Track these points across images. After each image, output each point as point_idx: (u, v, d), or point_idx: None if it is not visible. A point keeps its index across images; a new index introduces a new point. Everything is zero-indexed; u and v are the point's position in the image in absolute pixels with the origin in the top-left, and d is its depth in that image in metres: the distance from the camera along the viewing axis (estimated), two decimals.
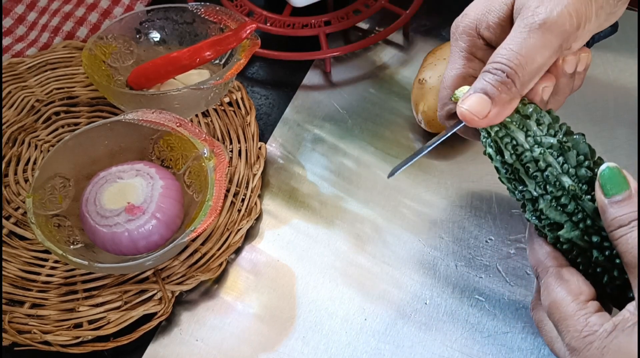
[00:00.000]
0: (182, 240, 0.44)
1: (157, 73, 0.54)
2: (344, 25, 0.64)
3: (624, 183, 0.33)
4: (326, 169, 0.56)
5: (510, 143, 0.36)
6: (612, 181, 0.33)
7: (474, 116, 0.35)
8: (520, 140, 0.36)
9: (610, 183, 0.33)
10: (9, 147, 0.58)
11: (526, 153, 0.36)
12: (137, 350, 0.46)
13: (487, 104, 0.35)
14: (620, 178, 0.33)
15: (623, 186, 0.33)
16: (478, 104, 0.35)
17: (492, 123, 0.36)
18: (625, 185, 0.33)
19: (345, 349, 0.45)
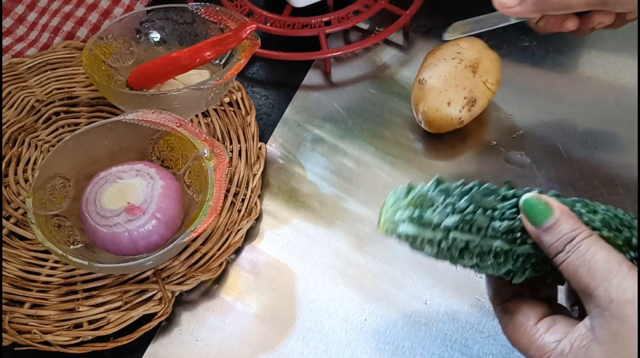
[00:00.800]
0: (182, 240, 0.44)
1: (157, 73, 0.54)
2: (344, 26, 0.64)
3: (546, 209, 0.33)
4: (326, 169, 0.56)
5: (424, 242, 0.35)
6: (534, 212, 0.33)
7: (500, 5, 0.47)
8: (429, 235, 0.35)
9: (533, 214, 0.33)
10: (9, 147, 0.58)
11: (441, 244, 0.35)
12: (137, 350, 0.46)
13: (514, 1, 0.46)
14: (541, 205, 0.33)
15: (547, 213, 0.33)
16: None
17: (511, 13, 0.47)
18: (548, 211, 0.33)
19: (345, 349, 0.45)
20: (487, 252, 0.34)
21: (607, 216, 0.34)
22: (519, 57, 0.63)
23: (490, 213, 0.34)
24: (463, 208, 0.34)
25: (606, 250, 0.31)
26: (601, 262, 0.31)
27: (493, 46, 0.57)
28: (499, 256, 0.34)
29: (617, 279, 0.30)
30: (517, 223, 0.34)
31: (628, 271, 0.30)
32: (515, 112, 0.58)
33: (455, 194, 0.35)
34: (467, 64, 0.53)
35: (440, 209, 0.34)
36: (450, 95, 0.52)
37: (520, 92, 0.60)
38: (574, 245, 0.32)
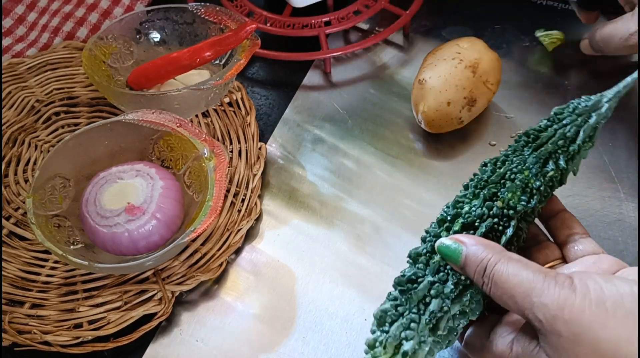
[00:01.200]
0: (182, 240, 0.44)
1: (157, 73, 0.54)
2: (344, 26, 0.64)
3: (457, 249, 0.34)
4: (326, 170, 0.56)
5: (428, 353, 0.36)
6: (448, 256, 0.35)
7: None
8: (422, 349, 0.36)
9: (449, 258, 0.35)
10: (9, 147, 0.58)
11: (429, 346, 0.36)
12: (137, 350, 0.46)
13: None
14: (452, 247, 0.35)
15: (458, 252, 0.34)
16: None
17: None
18: (458, 250, 0.34)
19: (345, 349, 0.45)
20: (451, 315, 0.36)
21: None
22: (518, 57, 0.63)
23: (421, 302, 0.36)
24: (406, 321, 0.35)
25: (516, 270, 0.32)
26: (516, 287, 0.31)
27: (493, 46, 0.57)
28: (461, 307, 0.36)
29: (536, 299, 0.30)
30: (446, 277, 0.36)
31: (543, 283, 0.31)
32: (515, 112, 0.58)
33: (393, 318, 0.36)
34: (467, 64, 0.53)
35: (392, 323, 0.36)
36: (450, 95, 0.52)
37: (520, 92, 0.60)
38: (487, 275, 0.33)
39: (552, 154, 0.39)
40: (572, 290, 0.30)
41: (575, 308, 0.29)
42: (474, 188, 0.39)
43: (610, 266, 0.35)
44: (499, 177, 0.39)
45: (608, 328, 0.29)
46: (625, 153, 0.54)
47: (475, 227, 0.37)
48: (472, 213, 0.38)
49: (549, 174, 0.39)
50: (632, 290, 0.29)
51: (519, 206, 0.38)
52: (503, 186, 0.38)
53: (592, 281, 0.30)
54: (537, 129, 0.41)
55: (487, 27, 0.67)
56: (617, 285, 0.30)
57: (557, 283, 0.30)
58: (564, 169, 0.39)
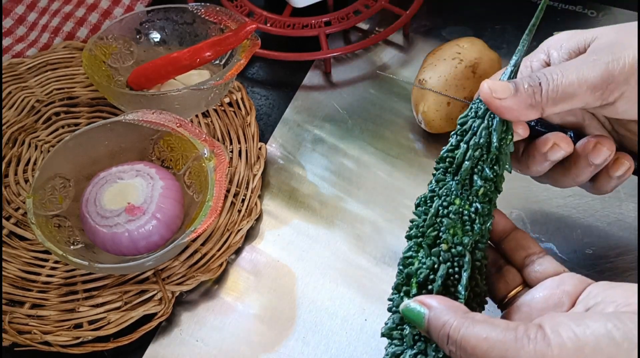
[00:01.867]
0: (183, 241, 0.44)
1: (157, 73, 0.54)
2: (344, 26, 0.64)
3: (419, 314, 0.32)
4: (326, 170, 0.56)
5: None
6: (412, 320, 0.33)
7: (491, 92, 0.35)
8: None
9: (412, 322, 0.33)
10: (9, 147, 0.58)
11: None
12: (137, 350, 0.46)
13: (508, 91, 0.36)
14: (414, 311, 0.32)
15: (420, 317, 0.32)
16: (501, 86, 0.36)
17: (500, 111, 0.36)
18: (420, 315, 0.32)
19: (345, 349, 0.45)
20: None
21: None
22: None
23: None
24: None
25: (484, 332, 0.30)
26: (489, 352, 0.29)
27: (493, 46, 0.57)
28: None
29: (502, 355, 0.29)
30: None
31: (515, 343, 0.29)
32: None
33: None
34: (467, 64, 0.53)
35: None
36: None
37: None
38: (453, 342, 0.31)
39: (474, 169, 0.36)
40: (547, 343, 0.28)
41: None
42: (415, 238, 0.37)
43: (574, 286, 0.34)
44: (433, 218, 0.36)
45: None
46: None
47: (431, 280, 0.35)
48: (422, 267, 0.35)
49: (480, 192, 0.36)
50: (606, 330, 0.28)
51: (464, 238, 0.35)
52: (441, 224, 0.36)
53: (564, 328, 0.29)
54: (449, 149, 0.37)
55: (487, 27, 0.67)
56: (591, 327, 0.28)
57: (530, 340, 0.29)
58: (492, 178, 0.36)
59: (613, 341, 0.27)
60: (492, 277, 0.38)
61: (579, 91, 0.35)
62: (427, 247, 0.36)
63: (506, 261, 0.39)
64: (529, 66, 0.41)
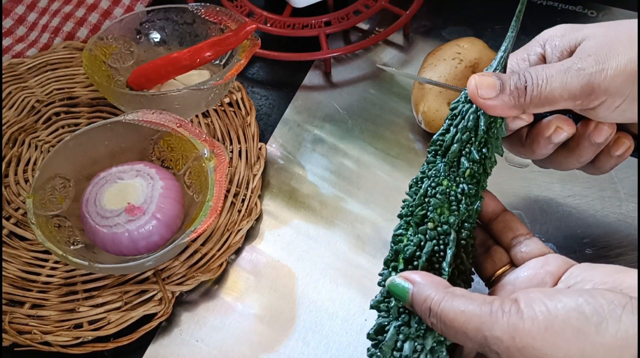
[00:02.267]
0: (183, 241, 0.44)
1: (157, 74, 0.54)
2: (344, 26, 0.64)
3: (403, 289, 0.34)
4: (326, 170, 0.56)
5: None
6: (397, 295, 0.34)
7: (477, 89, 0.37)
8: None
9: (398, 297, 0.34)
10: (9, 147, 0.58)
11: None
12: (137, 350, 0.46)
13: (493, 91, 0.37)
14: (399, 286, 0.34)
15: (404, 292, 0.34)
16: (487, 84, 0.37)
17: (484, 108, 0.37)
18: (405, 289, 0.34)
19: (345, 350, 0.45)
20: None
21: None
22: None
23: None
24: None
25: (462, 305, 0.31)
26: (466, 324, 0.31)
27: (493, 46, 0.57)
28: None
29: (488, 333, 0.30)
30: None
31: (490, 316, 0.30)
32: None
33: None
34: (467, 64, 0.53)
35: None
36: (450, 95, 0.52)
37: None
38: (434, 315, 0.32)
39: (461, 151, 0.37)
40: (520, 316, 0.29)
41: (526, 335, 0.29)
42: (406, 217, 0.38)
43: (558, 267, 0.35)
44: (422, 198, 0.37)
45: (560, 349, 0.29)
46: None
47: (417, 257, 0.36)
48: (409, 243, 0.37)
49: (466, 174, 0.37)
50: (577, 304, 0.29)
51: (450, 218, 0.36)
52: (428, 204, 0.37)
53: (537, 303, 0.30)
54: (441, 133, 0.38)
55: (487, 27, 0.67)
56: (563, 302, 0.29)
57: (504, 313, 0.30)
58: (479, 160, 0.37)
59: (582, 315, 0.28)
60: (480, 257, 0.40)
61: (560, 99, 0.37)
62: (414, 225, 0.37)
63: (494, 242, 0.40)
64: (527, 59, 0.42)
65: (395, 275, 0.34)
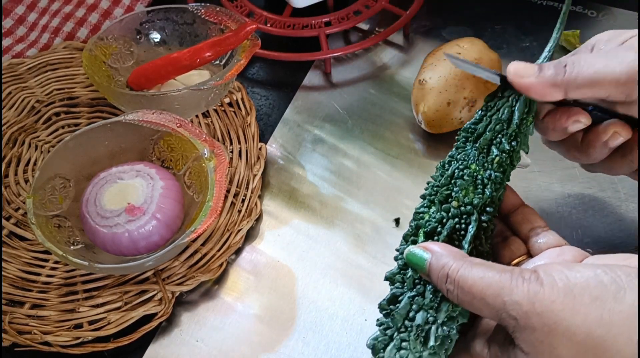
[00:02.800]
0: (183, 241, 0.44)
1: (157, 74, 0.54)
2: (345, 26, 0.64)
3: (421, 257, 0.35)
4: (326, 170, 0.56)
5: None
6: (414, 264, 0.35)
7: (517, 73, 0.38)
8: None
9: (414, 265, 0.35)
10: (9, 148, 0.58)
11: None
12: (137, 350, 0.46)
13: (532, 71, 0.38)
14: (417, 255, 0.35)
15: (422, 261, 0.35)
16: (525, 67, 0.39)
17: (524, 89, 0.38)
18: (422, 258, 0.35)
19: (345, 350, 0.45)
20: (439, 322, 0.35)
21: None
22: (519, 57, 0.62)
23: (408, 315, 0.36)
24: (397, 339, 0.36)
25: (481, 273, 0.32)
26: (485, 289, 0.31)
27: (493, 46, 0.57)
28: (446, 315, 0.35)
29: (507, 298, 0.30)
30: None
31: (511, 282, 0.31)
32: None
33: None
34: None
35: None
36: (450, 95, 0.52)
37: None
38: (452, 281, 0.33)
39: (492, 140, 0.39)
40: (540, 283, 0.30)
41: (546, 300, 0.30)
42: (429, 196, 0.39)
43: (573, 257, 0.36)
44: (448, 179, 0.39)
45: (578, 314, 0.29)
46: None
47: (438, 232, 0.37)
48: (431, 220, 0.38)
49: (495, 161, 0.39)
50: (595, 274, 0.30)
51: (474, 200, 0.38)
52: (454, 185, 0.38)
53: (556, 271, 0.31)
54: (473, 122, 0.40)
55: (487, 27, 0.67)
56: (581, 272, 0.30)
57: (524, 280, 0.31)
58: (508, 150, 0.39)
59: (601, 283, 0.29)
60: (498, 245, 0.40)
61: (603, 81, 0.37)
62: (438, 203, 0.38)
63: (512, 233, 0.41)
64: None
65: (414, 245, 0.36)
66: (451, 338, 0.35)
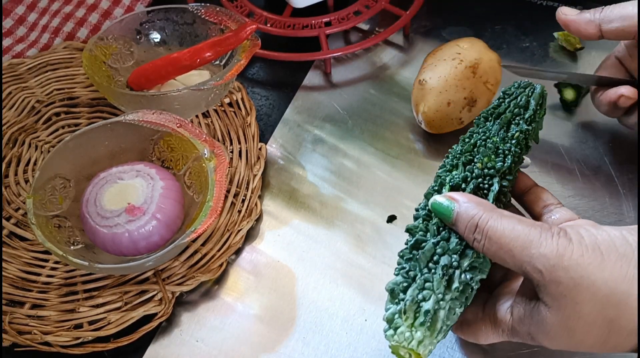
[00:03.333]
0: (183, 241, 0.44)
1: (157, 74, 0.54)
2: (345, 26, 0.64)
3: (449, 206, 0.35)
4: (326, 170, 0.56)
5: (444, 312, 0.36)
6: (440, 212, 0.36)
7: (562, 10, 0.49)
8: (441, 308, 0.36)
9: (440, 214, 0.36)
10: (10, 148, 0.58)
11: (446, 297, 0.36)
12: (137, 350, 0.46)
13: (574, 11, 0.49)
14: (444, 204, 0.36)
15: (449, 209, 0.35)
16: (569, 9, 0.49)
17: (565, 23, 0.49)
18: (450, 207, 0.35)
19: (345, 350, 0.45)
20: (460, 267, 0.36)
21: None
22: (519, 57, 0.63)
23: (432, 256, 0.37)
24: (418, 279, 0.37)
25: (511, 225, 0.33)
26: (513, 241, 0.32)
27: (493, 46, 0.57)
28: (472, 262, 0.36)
29: (535, 250, 0.31)
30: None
31: (540, 236, 0.32)
32: None
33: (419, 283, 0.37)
34: (467, 64, 0.53)
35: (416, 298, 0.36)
36: (450, 95, 0.52)
37: None
38: (480, 231, 0.33)
39: (511, 120, 0.42)
40: (568, 239, 0.31)
41: (574, 255, 0.31)
42: (451, 161, 0.41)
43: None
44: (471, 146, 0.41)
45: (604, 270, 0.30)
46: (626, 153, 0.54)
47: (462, 189, 0.39)
48: (456, 177, 0.39)
49: (515, 136, 0.41)
50: (621, 234, 0.31)
51: (497, 165, 0.39)
52: (477, 153, 0.41)
53: (584, 230, 0.32)
54: (492, 107, 0.43)
55: (487, 27, 0.67)
56: (608, 231, 0.32)
57: (553, 234, 0.32)
58: (526, 130, 0.42)
59: (627, 242, 0.31)
60: None
61: (633, 16, 0.45)
62: (462, 165, 0.40)
63: (527, 212, 0.42)
64: None
65: (440, 195, 0.37)
66: (472, 287, 0.36)
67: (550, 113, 0.58)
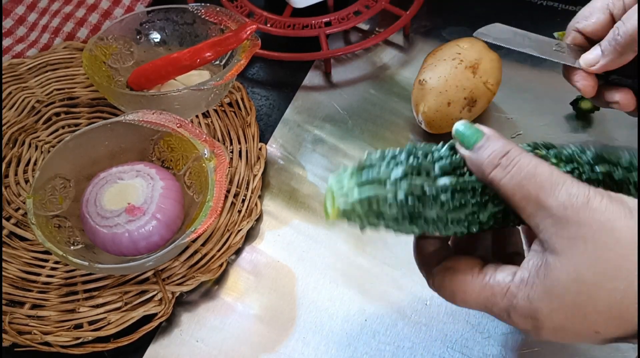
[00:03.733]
0: (183, 241, 0.44)
1: (157, 74, 0.54)
2: (345, 26, 0.64)
3: (477, 131, 0.34)
4: (326, 170, 0.56)
5: (379, 203, 0.34)
6: (466, 135, 0.34)
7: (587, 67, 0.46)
8: (383, 193, 0.34)
9: (465, 137, 0.34)
10: (10, 148, 0.58)
11: (398, 197, 0.33)
12: (137, 350, 0.46)
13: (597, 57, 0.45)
14: (472, 128, 0.34)
15: (478, 134, 0.34)
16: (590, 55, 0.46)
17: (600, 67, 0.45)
18: (479, 133, 0.34)
19: (345, 350, 0.45)
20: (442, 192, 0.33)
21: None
22: (519, 57, 0.63)
23: (430, 157, 0.34)
24: (405, 159, 0.34)
25: (546, 163, 0.32)
26: (545, 174, 0.31)
27: (493, 46, 0.57)
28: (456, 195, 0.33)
29: (565, 187, 0.31)
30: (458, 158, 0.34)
31: (572, 181, 0.31)
32: (515, 112, 0.58)
33: (391, 154, 0.35)
34: (467, 64, 0.53)
35: (384, 166, 0.34)
36: (451, 96, 0.52)
37: (520, 93, 0.60)
38: (511, 158, 0.32)
39: None
40: (597, 190, 0.31)
41: (603, 201, 0.30)
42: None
43: None
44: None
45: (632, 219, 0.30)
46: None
47: None
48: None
49: None
50: (633, 199, 0.31)
51: None
52: None
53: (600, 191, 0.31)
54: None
55: None
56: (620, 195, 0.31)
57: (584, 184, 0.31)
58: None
59: (629, 208, 0.31)
60: None
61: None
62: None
63: None
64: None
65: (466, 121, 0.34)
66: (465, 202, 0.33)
67: (566, 122, 0.57)
